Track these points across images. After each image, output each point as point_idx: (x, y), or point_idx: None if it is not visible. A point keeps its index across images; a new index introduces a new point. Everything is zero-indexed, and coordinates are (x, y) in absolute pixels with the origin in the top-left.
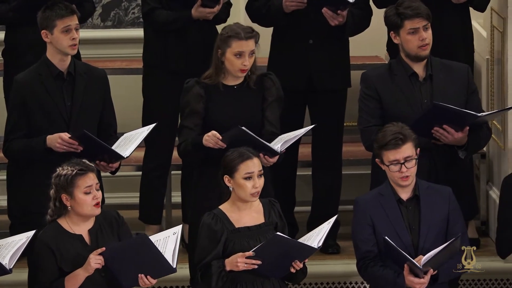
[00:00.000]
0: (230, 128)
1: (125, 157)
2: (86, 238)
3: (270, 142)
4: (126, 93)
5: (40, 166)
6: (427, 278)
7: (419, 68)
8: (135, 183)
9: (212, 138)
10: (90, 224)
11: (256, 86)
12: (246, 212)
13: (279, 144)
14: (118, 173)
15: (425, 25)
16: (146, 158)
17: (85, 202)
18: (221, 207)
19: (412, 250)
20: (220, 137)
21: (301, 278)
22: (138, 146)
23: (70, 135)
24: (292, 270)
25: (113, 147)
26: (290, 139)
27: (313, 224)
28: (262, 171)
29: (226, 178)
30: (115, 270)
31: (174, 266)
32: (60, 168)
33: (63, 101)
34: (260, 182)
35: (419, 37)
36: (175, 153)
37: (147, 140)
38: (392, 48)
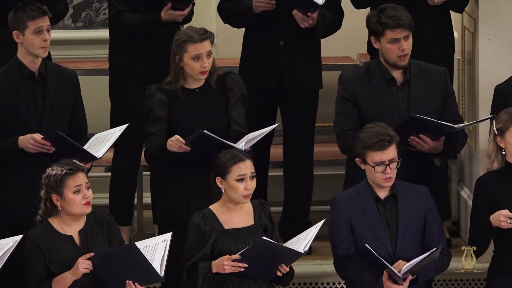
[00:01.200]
0: (194, 132)
1: (98, 157)
2: (76, 239)
3: (237, 142)
4: (96, 94)
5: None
6: (405, 285)
7: (397, 74)
8: (105, 184)
9: (175, 143)
10: (80, 224)
11: (217, 87)
12: (236, 213)
13: (243, 142)
14: (88, 174)
15: (406, 35)
16: (115, 160)
17: (75, 201)
18: (211, 207)
19: (390, 249)
20: (184, 141)
21: (288, 281)
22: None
23: (42, 136)
24: (279, 274)
25: (84, 147)
26: (255, 137)
27: (284, 224)
28: (255, 173)
29: (218, 180)
30: (103, 276)
31: (162, 275)
32: (50, 169)
33: (35, 101)
34: (252, 184)
35: (399, 46)
36: None
37: (116, 142)
38: (372, 49)
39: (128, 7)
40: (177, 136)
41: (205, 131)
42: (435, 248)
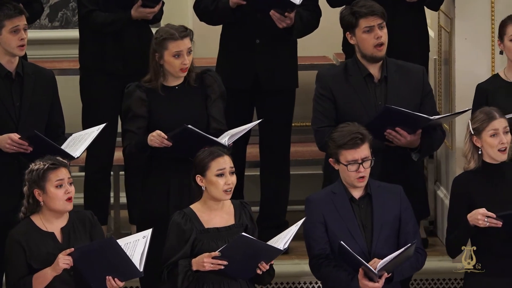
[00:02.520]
0: (173, 129)
1: (75, 157)
2: (58, 236)
3: (218, 138)
4: (73, 93)
5: None
6: (381, 282)
7: (374, 70)
8: (79, 183)
9: (157, 138)
10: (63, 222)
11: (197, 84)
12: (217, 212)
13: (226, 138)
14: None
15: (380, 23)
16: (88, 160)
17: (57, 196)
18: (192, 206)
19: (366, 249)
20: (165, 136)
21: (268, 280)
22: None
23: (19, 136)
24: (258, 272)
25: (62, 147)
26: (237, 133)
27: (262, 224)
28: (234, 169)
29: (198, 178)
30: (83, 271)
31: (141, 270)
32: (33, 164)
33: (12, 101)
34: (232, 179)
35: (374, 35)
36: (119, 154)
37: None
38: (347, 48)
39: (98, 6)
40: (158, 131)
41: (189, 125)
42: (410, 244)
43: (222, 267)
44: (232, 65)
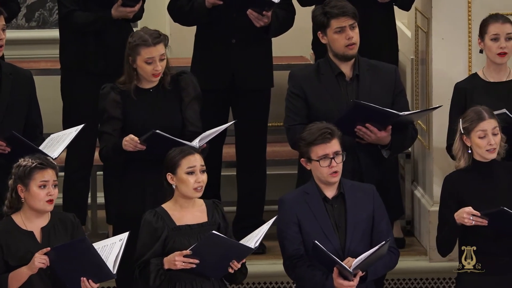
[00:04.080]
0: (148, 131)
1: (53, 158)
2: (38, 235)
3: (192, 141)
4: (51, 94)
5: None
6: (356, 281)
7: (346, 68)
8: (59, 184)
9: (130, 142)
10: (44, 222)
11: (171, 87)
12: (188, 210)
13: (197, 140)
14: None
15: (352, 24)
16: (68, 160)
17: (38, 196)
18: (163, 205)
19: (340, 249)
20: (138, 141)
21: (241, 279)
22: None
23: None
24: (230, 270)
25: (40, 148)
26: (209, 135)
27: (239, 224)
28: (205, 167)
29: (169, 176)
30: (59, 271)
31: (114, 272)
32: (22, 159)
33: None
34: (203, 178)
35: (345, 35)
36: (97, 154)
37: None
38: (317, 48)
39: (78, 6)
40: (131, 136)
41: (157, 130)
42: (383, 242)
43: (194, 265)
44: (208, 65)
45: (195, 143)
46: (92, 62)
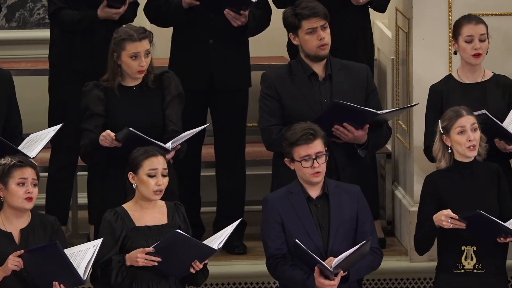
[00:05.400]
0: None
1: (31, 157)
2: (16, 237)
3: (171, 140)
4: (31, 94)
5: None
6: (337, 280)
7: (318, 68)
8: (41, 184)
9: (106, 138)
10: (23, 223)
11: (154, 86)
12: (148, 211)
13: (170, 142)
14: None
15: (323, 24)
16: (52, 159)
17: (17, 193)
18: (124, 205)
19: (322, 249)
20: (114, 137)
21: (202, 280)
22: (45, 147)
23: None
24: (192, 270)
25: (19, 148)
26: (183, 136)
27: (219, 225)
28: (167, 171)
29: (130, 175)
30: (32, 274)
31: (85, 278)
32: (3, 158)
33: None
34: (163, 181)
35: (317, 36)
36: None
37: (53, 141)
38: (292, 49)
39: (67, 4)
40: (108, 131)
41: (131, 128)
42: (365, 241)
43: (156, 263)
44: (186, 66)
45: (168, 144)
46: (79, 61)
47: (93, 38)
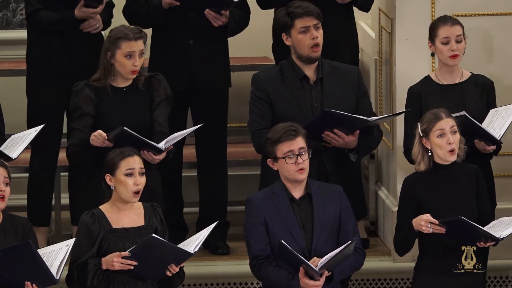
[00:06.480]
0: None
1: (13, 158)
2: None
3: (159, 142)
4: (14, 94)
5: None
6: (322, 280)
7: (310, 71)
8: (22, 184)
9: (98, 137)
10: None
11: (144, 87)
12: (125, 213)
13: (163, 142)
14: None
15: (316, 24)
16: (32, 160)
17: None
18: (101, 207)
19: (306, 249)
20: (106, 137)
21: (178, 283)
22: (26, 148)
23: None
24: (168, 274)
25: (0, 149)
26: (176, 137)
27: (202, 225)
28: (144, 170)
29: (107, 177)
30: (4, 273)
31: (58, 278)
32: None
33: None
34: (141, 180)
35: (310, 35)
36: (62, 155)
37: (33, 141)
38: (277, 50)
39: (44, 5)
40: (100, 131)
41: (125, 128)
42: (349, 242)
43: (132, 267)
44: (166, 67)
45: (162, 144)
46: (56, 63)
47: (70, 39)
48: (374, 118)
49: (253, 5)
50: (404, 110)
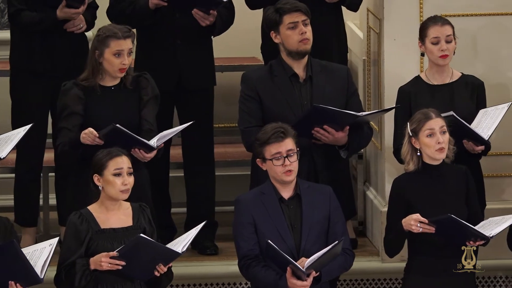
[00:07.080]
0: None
1: (1, 158)
2: None
3: (149, 140)
4: (1, 95)
5: None
6: (309, 281)
7: (299, 69)
8: (9, 185)
9: (89, 135)
10: None
11: (132, 86)
12: (113, 213)
13: (155, 140)
14: None
15: (304, 20)
16: (18, 161)
17: None
18: (89, 207)
19: (294, 249)
20: (97, 134)
21: (166, 283)
22: (12, 148)
23: None
24: (156, 274)
25: None
26: (167, 135)
27: (190, 225)
28: (132, 170)
29: (95, 177)
30: None
31: (42, 277)
32: None
33: None
34: (129, 180)
35: (299, 31)
36: (49, 155)
37: (18, 143)
38: (266, 50)
39: (27, 6)
40: (90, 129)
41: (117, 125)
42: (337, 241)
43: (120, 267)
44: (154, 67)
45: (153, 142)
46: (39, 63)
47: (52, 39)
48: (364, 113)
49: (241, 5)
50: (394, 106)
